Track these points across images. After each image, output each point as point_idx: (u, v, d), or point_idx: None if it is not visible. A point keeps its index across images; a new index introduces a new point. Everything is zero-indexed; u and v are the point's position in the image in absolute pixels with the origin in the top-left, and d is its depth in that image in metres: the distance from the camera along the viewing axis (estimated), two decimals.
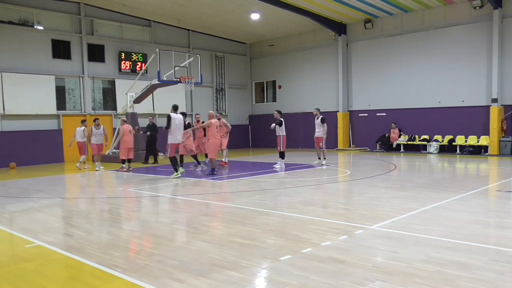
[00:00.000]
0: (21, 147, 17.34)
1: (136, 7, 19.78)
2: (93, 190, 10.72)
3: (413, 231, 5.67)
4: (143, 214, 7.74)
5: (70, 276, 4.59)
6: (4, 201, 9.04)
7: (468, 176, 12.25)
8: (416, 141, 19.70)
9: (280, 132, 13.95)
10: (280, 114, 14.09)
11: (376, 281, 3.95)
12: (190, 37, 23.44)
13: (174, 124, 11.67)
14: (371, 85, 21.34)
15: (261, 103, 26.54)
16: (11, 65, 17.31)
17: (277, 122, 13.92)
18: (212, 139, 12.47)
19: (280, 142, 13.91)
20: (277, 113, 14.04)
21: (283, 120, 14.02)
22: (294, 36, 24.17)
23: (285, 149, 14.09)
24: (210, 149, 12.56)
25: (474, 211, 6.92)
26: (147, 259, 4.82)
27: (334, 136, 22.19)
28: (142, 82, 18.56)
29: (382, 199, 8.06)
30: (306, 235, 5.59)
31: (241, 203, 8.02)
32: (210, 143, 12.50)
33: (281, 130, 13.94)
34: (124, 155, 14.30)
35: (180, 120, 11.93)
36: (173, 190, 10.19)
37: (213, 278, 4.13)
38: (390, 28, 20.47)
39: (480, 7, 17.57)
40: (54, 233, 6.20)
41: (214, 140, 12.47)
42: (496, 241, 5.35)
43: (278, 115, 13.95)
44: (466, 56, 18.27)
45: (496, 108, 17.32)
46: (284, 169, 13.63)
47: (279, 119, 13.89)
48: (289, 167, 14.01)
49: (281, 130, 13.94)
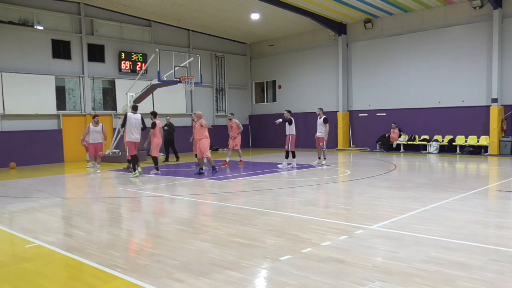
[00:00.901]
0: (21, 147, 17.34)
1: (136, 7, 19.78)
2: (93, 190, 10.72)
3: (413, 231, 5.67)
4: (143, 214, 7.74)
5: (70, 276, 4.59)
6: (4, 201, 9.04)
7: (468, 176, 12.25)
8: (416, 141, 19.70)
9: (289, 131, 13.90)
10: (290, 113, 14.08)
11: (376, 281, 3.96)
12: (190, 37, 23.44)
13: (129, 123, 12.36)
14: (371, 85, 21.34)
15: (261, 103, 26.54)
16: (11, 65, 17.31)
17: (286, 120, 13.86)
18: (204, 139, 12.56)
19: (289, 141, 13.84)
20: (287, 112, 14.05)
21: (293, 119, 13.96)
22: (294, 36, 24.17)
23: (293, 149, 13.93)
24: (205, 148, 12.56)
25: (474, 211, 6.92)
26: (147, 259, 4.82)
27: (334, 136, 22.18)
28: (142, 82, 18.55)
29: (382, 199, 8.06)
30: (306, 235, 5.59)
31: (241, 203, 8.02)
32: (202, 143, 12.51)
33: (291, 129, 13.88)
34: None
35: (136, 120, 12.47)
36: (173, 190, 10.19)
37: (213, 278, 4.13)
38: (390, 28, 20.48)
39: (480, 7, 17.57)
40: (54, 233, 6.20)
41: (206, 140, 12.57)
42: (496, 241, 5.35)
43: (288, 114, 13.95)
44: (466, 56, 18.26)
45: (496, 108, 17.32)
46: (296, 168, 13.61)
47: (289, 118, 13.86)
48: (288, 167, 13.97)
49: (291, 129, 13.88)
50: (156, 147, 13.11)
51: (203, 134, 12.57)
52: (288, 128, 13.94)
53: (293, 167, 13.74)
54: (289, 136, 13.89)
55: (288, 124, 13.91)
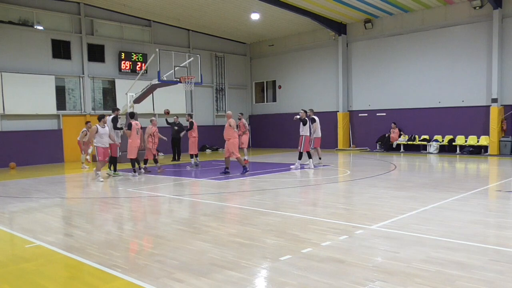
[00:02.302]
0: (21, 147, 17.34)
1: (136, 7, 19.78)
2: (93, 190, 10.72)
3: (413, 231, 5.67)
4: (143, 214, 7.74)
5: (70, 276, 4.59)
6: (4, 201, 9.04)
7: (468, 176, 12.24)
8: (416, 141, 19.70)
9: (303, 132, 13.57)
10: (306, 113, 13.75)
11: (376, 281, 3.96)
12: (190, 37, 23.44)
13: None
14: (371, 85, 21.34)
15: (261, 103, 26.54)
16: (11, 65, 17.31)
17: (301, 119, 13.55)
18: (233, 139, 12.56)
19: (302, 142, 13.56)
20: (303, 112, 13.71)
21: (307, 120, 13.64)
22: (294, 36, 24.17)
23: (306, 149, 13.66)
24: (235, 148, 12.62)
25: (474, 211, 6.92)
26: (147, 259, 4.82)
27: (334, 136, 22.22)
28: (142, 82, 18.54)
29: (382, 199, 8.06)
30: (306, 235, 5.59)
31: (241, 203, 8.02)
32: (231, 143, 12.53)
33: (304, 129, 13.53)
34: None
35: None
36: (173, 190, 10.19)
37: (213, 278, 4.13)
38: (390, 28, 20.48)
39: (480, 7, 17.57)
40: (54, 233, 6.20)
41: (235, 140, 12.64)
42: (496, 241, 5.35)
43: (304, 114, 13.63)
44: (466, 56, 18.27)
45: (496, 108, 17.32)
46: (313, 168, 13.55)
47: (304, 118, 13.56)
48: (288, 167, 13.98)
49: (304, 130, 13.54)
50: (132, 149, 12.89)
51: (232, 134, 12.50)
52: (302, 129, 13.58)
53: (310, 168, 13.53)
54: (302, 137, 13.55)
55: (302, 124, 13.56)
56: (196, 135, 15.20)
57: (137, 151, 13.05)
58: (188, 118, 15.71)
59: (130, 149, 12.95)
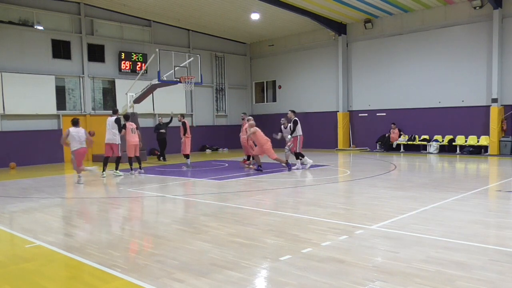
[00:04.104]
0: (21, 147, 17.33)
1: (136, 7, 19.78)
2: (93, 190, 10.71)
3: (413, 231, 5.67)
4: (143, 214, 7.74)
5: (70, 276, 4.59)
6: (4, 201, 9.04)
7: (468, 176, 12.24)
8: (416, 141, 19.70)
9: (296, 132, 13.56)
10: (295, 113, 13.76)
11: (376, 281, 3.96)
12: (190, 37, 23.43)
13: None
14: (371, 85, 21.34)
15: (261, 103, 26.53)
16: (11, 65, 17.31)
17: (292, 122, 13.54)
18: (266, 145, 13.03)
19: (297, 143, 13.56)
20: (291, 112, 13.73)
21: (298, 120, 13.63)
22: (294, 36, 24.17)
23: (300, 149, 13.71)
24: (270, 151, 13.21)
25: (474, 211, 6.92)
26: (147, 259, 4.82)
27: (334, 136, 22.22)
28: (142, 82, 18.55)
29: (382, 199, 8.06)
30: (306, 235, 5.59)
31: (241, 203, 8.02)
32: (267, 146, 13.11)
33: (297, 129, 13.54)
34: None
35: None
36: (173, 190, 10.19)
37: (213, 278, 4.13)
38: (390, 28, 20.47)
39: (480, 7, 17.57)
40: (54, 233, 6.20)
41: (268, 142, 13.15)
42: (496, 241, 5.35)
43: (292, 114, 13.63)
44: (466, 56, 18.26)
45: (496, 108, 17.32)
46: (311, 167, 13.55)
47: (294, 118, 13.54)
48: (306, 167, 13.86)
49: (297, 130, 13.54)
50: (130, 148, 13.32)
51: (264, 141, 12.98)
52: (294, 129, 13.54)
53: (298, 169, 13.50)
54: (296, 137, 13.58)
55: (293, 124, 13.53)
56: (189, 135, 15.04)
57: (133, 150, 13.38)
58: (180, 118, 15.35)
59: (127, 148, 13.44)
